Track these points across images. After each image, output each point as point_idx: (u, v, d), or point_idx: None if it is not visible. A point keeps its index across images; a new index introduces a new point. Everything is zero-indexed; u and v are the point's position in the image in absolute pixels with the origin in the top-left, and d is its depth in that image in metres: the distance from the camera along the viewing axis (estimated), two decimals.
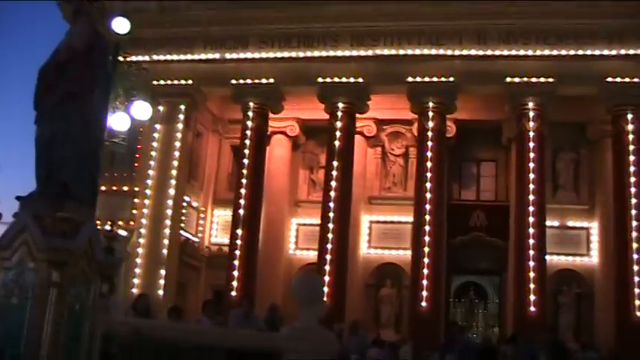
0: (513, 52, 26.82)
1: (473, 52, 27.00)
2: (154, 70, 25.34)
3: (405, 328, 27.33)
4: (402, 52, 27.33)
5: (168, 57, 28.71)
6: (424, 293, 25.60)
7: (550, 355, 16.02)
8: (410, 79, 27.14)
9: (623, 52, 26.45)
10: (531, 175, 26.13)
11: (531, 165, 26.24)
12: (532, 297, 25.03)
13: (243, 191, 27.73)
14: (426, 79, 27.09)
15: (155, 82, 27.48)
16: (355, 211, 28.47)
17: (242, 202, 27.60)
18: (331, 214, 26.82)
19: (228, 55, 28.54)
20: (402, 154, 30.61)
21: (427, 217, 26.22)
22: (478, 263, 30.47)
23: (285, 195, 30.61)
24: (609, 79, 26.36)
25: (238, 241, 27.27)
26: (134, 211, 28.13)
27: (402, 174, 30.33)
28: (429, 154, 26.88)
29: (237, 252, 27.17)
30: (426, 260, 25.85)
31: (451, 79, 26.96)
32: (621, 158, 26.37)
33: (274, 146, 30.75)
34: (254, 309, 15.92)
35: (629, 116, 26.41)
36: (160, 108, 28.27)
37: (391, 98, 28.82)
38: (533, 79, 26.58)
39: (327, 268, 26.20)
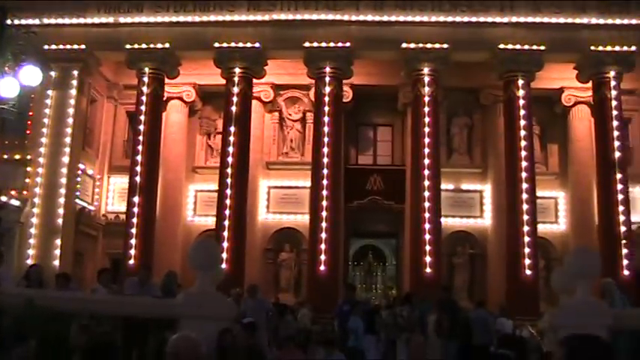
0: (409, 19, 27.25)
1: (369, 17, 27.27)
2: (45, 35, 24.70)
3: (304, 291, 27.65)
4: (298, 17, 27.35)
5: (60, 21, 27.88)
6: (322, 257, 25.98)
7: (441, 313, 16.53)
8: (307, 44, 27.21)
9: (514, 19, 27.30)
10: (426, 140, 26.71)
11: (426, 129, 26.80)
12: (427, 258, 25.74)
13: (139, 158, 27.36)
14: (323, 44, 27.19)
15: (47, 47, 26.78)
16: (253, 177, 28.50)
17: (138, 169, 27.24)
18: (229, 180, 26.77)
19: (122, 19, 27.94)
20: (299, 119, 30.73)
21: (324, 182, 26.53)
22: (376, 226, 31.09)
23: (182, 161, 30.36)
24: (501, 46, 27.14)
25: (135, 209, 26.96)
26: (27, 180, 27.38)
27: (300, 139, 30.50)
28: (326, 118, 27.09)
29: (135, 220, 26.88)
30: (323, 224, 26.20)
31: (347, 44, 27.16)
32: (512, 123, 27.25)
33: (170, 112, 30.39)
34: (152, 276, 15.80)
35: (520, 82, 27.28)
36: (53, 73, 27.56)
37: (288, 63, 28.90)
38: (428, 45, 27.06)
39: (226, 233, 26.23)
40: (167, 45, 27.72)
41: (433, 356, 16.22)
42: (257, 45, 27.42)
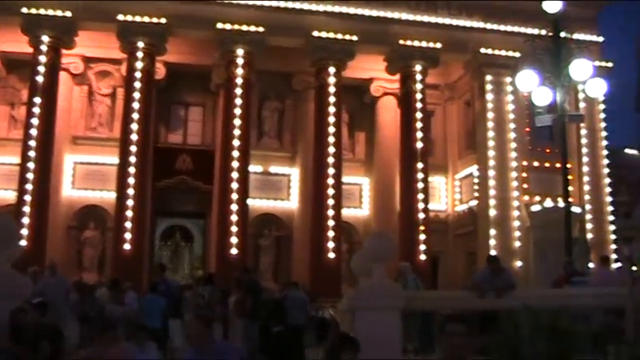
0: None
1: None
2: None
3: (109, 271, 27.11)
4: None
5: None
6: (127, 235, 25.67)
7: (244, 294, 16.77)
8: (120, 17, 26.65)
9: (329, 8, 28.13)
10: (237, 122, 26.91)
11: (238, 111, 27.00)
12: (234, 239, 26.06)
13: None
14: (137, 18, 26.72)
15: None
16: (58, 151, 27.57)
17: None
18: (32, 154, 25.77)
19: None
20: (109, 93, 30.02)
21: (132, 159, 26.19)
22: (184, 206, 30.98)
23: None
24: (315, 33, 27.78)
25: None
26: None
27: (109, 114, 29.81)
28: (137, 95, 26.70)
29: None
30: (130, 202, 25.87)
31: (162, 20, 26.83)
32: (322, 110, 28.02)
33: None
34: None
35: (332, 70, 28.09)
36: None
37: (100, 36, 28.03)
38: (244, 27, 27.23)
39: (27, 209, 25.33)
40: None
41: (232, 337, 16.46)
42: (68, 14, 26.50)
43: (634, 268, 13.14)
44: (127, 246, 25.63)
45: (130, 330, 12.44)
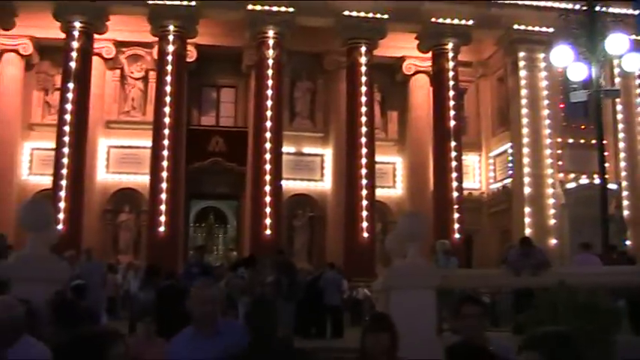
0: None
1: None
2: None
3: (144, 253, 27.40)
4: None
5: None
6: (162, 218, 25.91)
7: (279, 275, 16.85)
8: (151, 0, 26.73)
9: None
10: (269, 103, 26.99)
11: (269, 92, 27.07)
12: (267, 221, 26.19)
13: None
14: (167, 1, 26.83)
15: None
16: (92, 135, 27.87)
17: None
18: (67, 138, 26.11)
19: None
20: (141, 77, 30.21)
21: (165, 142, 26.40)
22: (217, 188, 31.11)
23: (17, 117, 29.18)
24: (346, 13, 27.69)
25: None
26: None
27: (142, 98, 30.02)
28: (169, 78, 26.87)
29: None
30: (164, 185, 26.10)
31: (192, 2, 26.90)
32: (354, 89, 28.00)
33: (5, 65, 29.17)
34: None
35: (363, 49, 27.99)
36: None
37: (131, 19, 28.19)
38: (274, 8, 27.22)
39: (63, 193, 25.67)
40: None
41: None
42: None
43: None
44: (161, 229, 25.89)
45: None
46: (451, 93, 28.54)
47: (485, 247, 30.35)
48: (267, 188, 26.43)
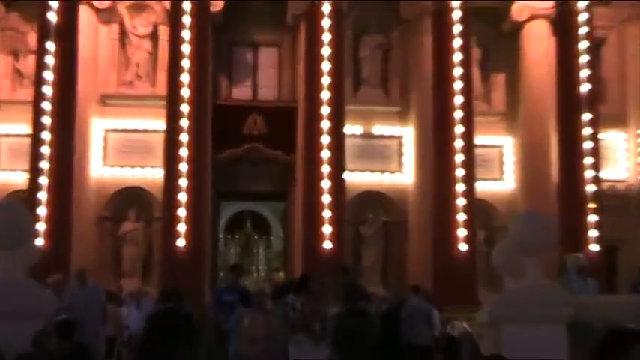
0: None
1: None
2: None
3: (157, 277, 27.55)
4: None
5: None
6: (181, 228, 26.08)
7: (344, 301, 16.74)
8: None
9: None
10: (326, 66, 27.01)
11: (326, 52, 27.09)
12: (327, 228, 26.22)
13: None
14: None
15: None
16: (83, 115, 28.05)
17: None
18: (47, 120, 26.29)
19: None
20: (148, 34, 30.36)
21: (184, 123, 26.55)
22: (256, 185, 31.19)
23: None
24: None
25: None
26: None
27: (150, 63, 30.19)
28: (187, 34, 27.03)
29: None
30: (184, 182, 26.28)
31: None
32: (443, 45, 27.79)
33: None
34: None
35: None
36: None
37: None
38: None
39: (44, 196, 25.91)
40: None
41: None
42: None
43: None
44: (180, 242, 26.04)
45: None
46: (583, 45, 28.14)
47: (636, 262, 29.90)
48: (326, 184, 26.44)
